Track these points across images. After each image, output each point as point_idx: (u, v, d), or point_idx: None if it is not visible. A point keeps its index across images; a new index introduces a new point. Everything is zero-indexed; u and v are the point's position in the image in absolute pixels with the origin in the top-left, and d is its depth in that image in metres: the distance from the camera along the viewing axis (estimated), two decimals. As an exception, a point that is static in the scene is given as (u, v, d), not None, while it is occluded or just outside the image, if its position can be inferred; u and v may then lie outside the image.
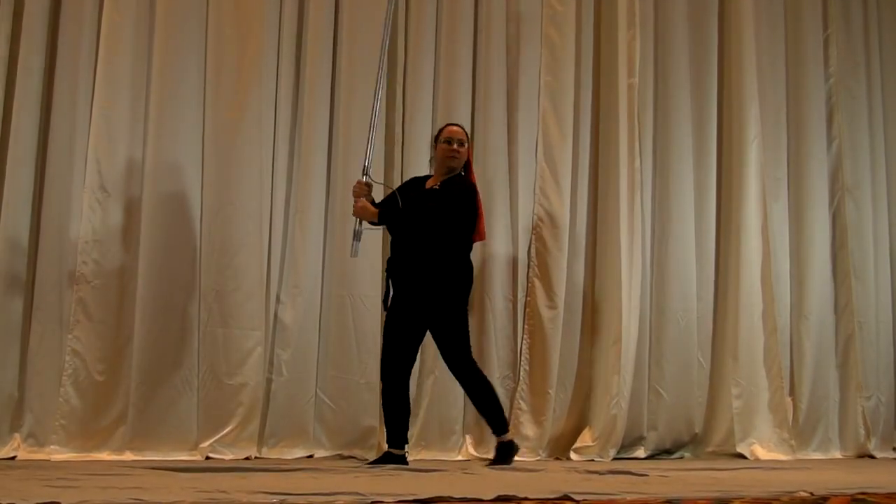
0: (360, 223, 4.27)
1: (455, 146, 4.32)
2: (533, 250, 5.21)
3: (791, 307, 5.88)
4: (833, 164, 6.16)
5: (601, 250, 5.43)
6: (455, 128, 4.42)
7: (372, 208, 4.22)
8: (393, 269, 4.28)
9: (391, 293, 4.28)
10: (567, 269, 5.27)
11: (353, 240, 4.24)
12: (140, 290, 4.51)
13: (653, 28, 5.71)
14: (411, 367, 4.28)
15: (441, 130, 4.44)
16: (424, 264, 4.17)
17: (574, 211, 5.39)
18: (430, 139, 4.99)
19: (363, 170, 4.40)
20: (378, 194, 4.45)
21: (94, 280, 4.46)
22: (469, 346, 4.29)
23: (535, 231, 5.27)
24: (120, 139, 4.59)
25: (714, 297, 5.71)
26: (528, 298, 5.21)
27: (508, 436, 4.29)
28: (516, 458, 4.40)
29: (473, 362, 4.32)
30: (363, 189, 4.25)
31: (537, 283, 5.21)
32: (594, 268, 5.44)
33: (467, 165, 4.41)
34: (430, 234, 4.19)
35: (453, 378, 4.95)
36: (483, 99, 5.27)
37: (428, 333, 4.30)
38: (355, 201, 4.27)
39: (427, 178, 4.46)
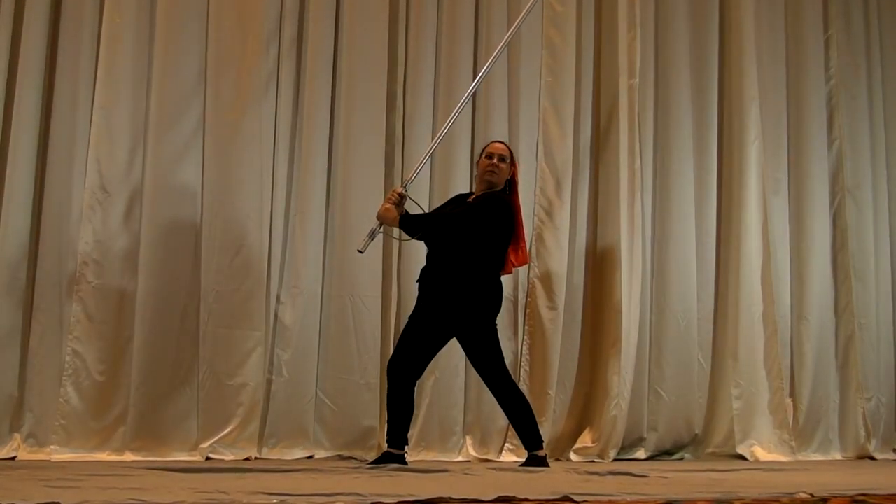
0: (381, 226, 4.26)
1: (495, 160, 4.31)
2: (533, 250, 5.21)
3: (791, 308, 5.88)
4: (834, 165, 6.17)
5: (601, 251, 5.43)
6: (498, 144, 4.44)
7: (395, 213, 4.20)
8: (423, 279, 4.29)
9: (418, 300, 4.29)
10: (567, 269, 5.27)
11: (367, 236, 4.23)
12: (140, 290, 4.51)
13: (653, 29, 5.72)
14: (422, 373, 4.28)
15: (485, 147, 4.45)
16: (451, 277, 4.18)
17: (574, 211, 5.39)
18: (429, 139, 4.99)
19: (404, 181, 4.40)
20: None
21: (94, 280, 4.46)
22: (502, 360, 4.30)
23: (536, 231, 5.26)
24: (120, 139, 4.59)
25: (714, 298, 5.72)
26: (529, 299, 5.21)
27: (541, 452, 4.28)
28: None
29: (508, 376, 4.33)
30: (395, 196, 4.22)
31: (537, 283, 5.21)
32: (594, 268, 5.44)
33: (513, 185, 4.41)
34: (452, 242, 4.19)
35: (453, 379, 4.98)
36: (483, 99, 5.27)
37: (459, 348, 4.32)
38: (383, 203, 4.25)
39: (470, 194, 4.47)
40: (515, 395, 4.29)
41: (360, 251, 4.27)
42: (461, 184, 5.06)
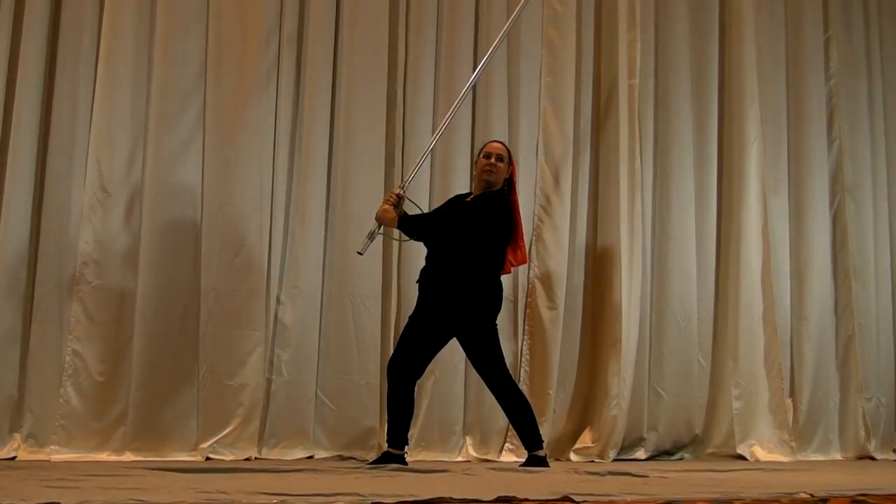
0: (380, 227, 4.26)
1: (493, 160, 4.32)
2: (533, 250, 5.21)
3: (791, 308, 5.88)
4: (833, 165, 6.17)
5: (601, 251, 5.43)
6: (496, 144, 4.44)
7: (393, 214, 4.20)
8: (423, 279, 4.29)
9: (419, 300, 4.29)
10: (567, 269, 5.27)
11: (366, 238, 4.24)
12: (140, 290, 4.51)
13: (653, 29, 5.72)
14: (422, 373, 4.27)
15: (483, 146, 4.46)
16: (450, 277, 4.18)
17: (574, 211, 5.39)
18: (430, 138, 4.99)
19: (402, 182, 4.42)
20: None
21: (94, 280, 4.46)
22: (503, 360, 4.30)
23: (536, 231, 5.26)
24: (120, 139, 4.59)
25: (714, 298, 5.71)
26: (529, 299, 5.21)
27: (541, 452, 4.28)
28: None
29: (509, 377, 4.33)
30: (393, 198, 4.22)
31: (537, 283, 5.21)
32: (594, 268, 5.44)
33: (511, 185, 4.41)
34: (451, 242, 4.19)
35: (453, 379, 4.98)
36: (483, 99, 5.27)
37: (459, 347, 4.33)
38: (381, 204, 4.25)
39: (469, 194, 4.48)
40: (516, 395, 4.29)
41: (359, 253, 4.27)
42: (460, 184, 5.06)
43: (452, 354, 4.73)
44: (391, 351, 4.62)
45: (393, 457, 4.12)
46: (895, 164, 6.38)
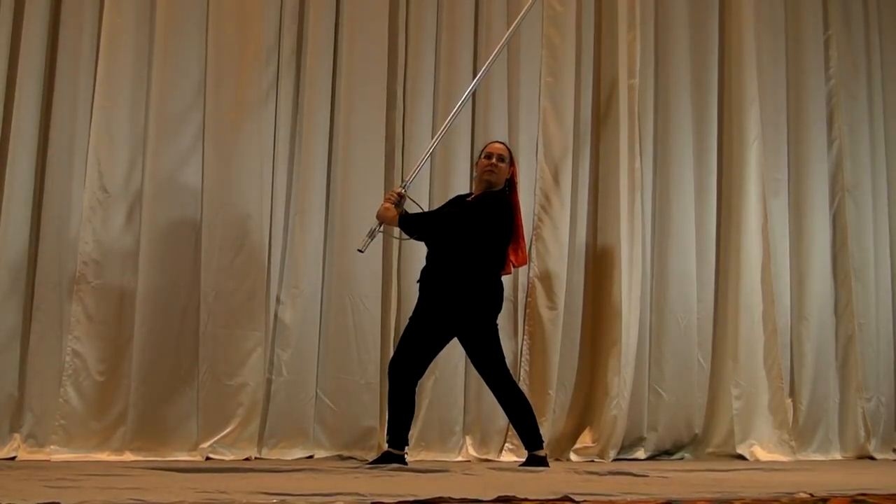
0: (381, 225, 4.26)
1: (494, 160, 4.32)
2: (533, 250, 5.21)
3: (791, 308, 5.88)
4: (833, 165, 6.17)
5: (601, 251, 5.43)
6: (497, 144, 4.45)
7: (394, 212, 4.20)
8: (424, 279, 4.29)
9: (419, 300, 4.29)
10: (567, 269, 5.27)
11: (367, 236, 4.24)
12: (140, 290, 4.51)
13: (653, 29, 5.72)
14: (423, 373, 4.27)
15: (484, 147, 4.46)
16: (451, 277, 4.18)
17: (574, 211, 5.39)
18: (430, 139, 4.99)
19: (403, 181, 4.42)
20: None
21: (94, 280, 4.46)
22: (503, 360, 4.29)
23: (535, 231, 5.26)
24: (120, 139, 4.59)
25: (714, 298, 5.71)
26: (529, 299, 5.21)
27: (542, 452, 4.28)
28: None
29: (509, 376, 4.32)
30: (394, 196, 4.23)
31: (537, 283, 5.21)
32: (594, 268, 5.44)
33: (512, 186, 4.41)
34: (452, 241, 4.19)
35: (453, 379, 4.98)
36: (483, 99, 5.27)
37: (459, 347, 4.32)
38: (383, 203, 4.26)
39: (469, 195, 4.48)
40: (516, 395, 4.29)
41: (360, 251, 4.27)
42: (461, 184, 5.06)
43: (452, 354, 4.74)
44: (391, 351, 4.62)
45: (393, 457, 4.12)
46: (895, 164, 6.38)
